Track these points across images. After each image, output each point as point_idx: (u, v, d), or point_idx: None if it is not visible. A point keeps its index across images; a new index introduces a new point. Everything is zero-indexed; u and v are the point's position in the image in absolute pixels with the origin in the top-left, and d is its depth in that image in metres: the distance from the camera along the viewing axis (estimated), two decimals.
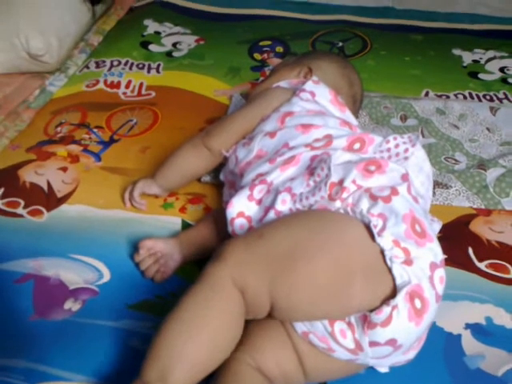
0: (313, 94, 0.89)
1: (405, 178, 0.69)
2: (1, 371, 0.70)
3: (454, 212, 0.93)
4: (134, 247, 0.84)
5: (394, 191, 0.65)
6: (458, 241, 0.87)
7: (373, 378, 0.68)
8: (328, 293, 0.61)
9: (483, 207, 0.94)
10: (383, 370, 0.68)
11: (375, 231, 0.62)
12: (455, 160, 1.04)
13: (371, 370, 0.67)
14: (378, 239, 0.62)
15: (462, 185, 0.96)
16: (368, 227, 0.63)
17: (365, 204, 0.65)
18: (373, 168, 0.68)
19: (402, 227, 0.62)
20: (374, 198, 0.65)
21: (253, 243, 0.63)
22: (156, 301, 0.79)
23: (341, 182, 0.67)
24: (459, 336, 0.74)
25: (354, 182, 0.67)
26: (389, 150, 0.75)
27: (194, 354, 0.58)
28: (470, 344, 0.73)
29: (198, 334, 0.59)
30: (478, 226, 0.91)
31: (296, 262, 0.61)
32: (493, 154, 1.05)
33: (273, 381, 0.65)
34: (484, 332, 0.75)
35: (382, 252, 0.61)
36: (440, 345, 0.71)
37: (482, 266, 0.84)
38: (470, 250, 0.87)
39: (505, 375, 0.69)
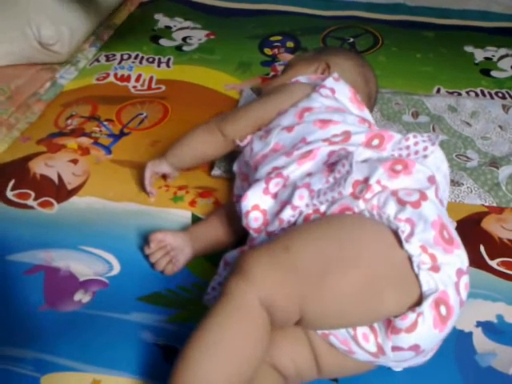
0: (333, 90, 0.88)
1: (432, 180, 0.67)
2: (10, 361, 0.70)
3: (466, 210, 0.92)
4: (144, 240, 0.84)
5: (423, 196, 0.64)
6: (470, 239, 0.85)
7: (384, 376, 0.68)
8: (358, 305, 0.60)
9: (495, 205, 0.93)
10: (397, 369, 0.68)
11: (403, 237, 0.61)
12: (467, 157, 1.03)
13: (382, 367, 0.66)
14: (406, 245, 0.60)
15: (473, 182, 0.96)
16: (395, 233, 0.62)
17: (392, 209, 0.63)
18: (399, 168, 0.67)
19: (431, 233, 0.61)
20: (402, 203, 0.63)
21: (279, 258, 0.59)
22: (166, 294, 0.79)
23: (366, 181, 0.66)
24: (470, 334, 0.73)
25: (378, 182, 0.66)
26: (408, 147, 0.73)
27: (222, 380, 0.56)
28: (482, 342, 0.73)
29: (225, 359, 0.56)
30: (490, 224, 0.90)
31: (327, 278, 0.59)
32: (505, 151, 1.04)
33: (287, 377, 0.65)
34: (495, 330, 0.74)
35: (410, 258, 0.60)
36: (451, 343, 0.71)
37: (493, 264, 0.84)
38: (482, 248, 0.86)
39: None
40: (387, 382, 0.68)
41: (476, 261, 0.83)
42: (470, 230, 0.88)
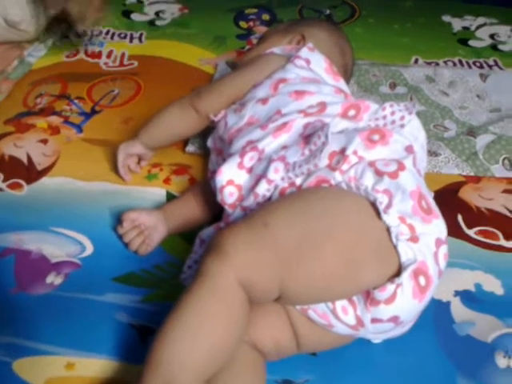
0: (308, 61, 0.86)
1: (409, 149, 0.66)
2: None
3: (443, 179, 0.91)
4: (118, 220, 0.82)
5: (400, 166, 0.62)
6: (447, 208, 0.84)
7: (361, 347, 0.67)
8: (339, 279, 0.59)
9: (472, 174, 0.92)
10: (376, 340, 0.67)
11: (381, 208, 0.60)
12: (445, 127, 1.02)
13: (361, 339, 0.66)
14: (384, 217, 0.59)
15: (451, 152, 0.95)
16: (373, 204, 0.61)
17: (369, 180, 0.62)
18: (376, 137, 0.65)
19: (409, 204, 0.60)
20: (379, 174, 0.62)
21: (257, 235, 0.57)
22: (141, 274, 0.77)
23: (342, 151, 0.64)
24: (448, 303, 0.73)
25: (355, 153, 0.64)
26: (384, 117, 0.71)
27: (197, 361, 0.54)
28: (460, 311, 0.72)
29: (201, 340, 0.54)
30: (468, 193, 0.90)
31: (305, 255, 0.57)
32: (483, 120, 1.03)
33: (266, 355, 0.64)
34: (474, 299, 0.74)
35: (388, 229, 0.59)
36: (429, 312, 0.70)
37: (471, 232, 0.83)
38: (460, 217, 0.85)
39: (495, 341, 0.69)
40: (365, 354, 0.67)
41: (453, 230, 0.83)
42: (448, 200, 0.88)
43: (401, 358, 0.67)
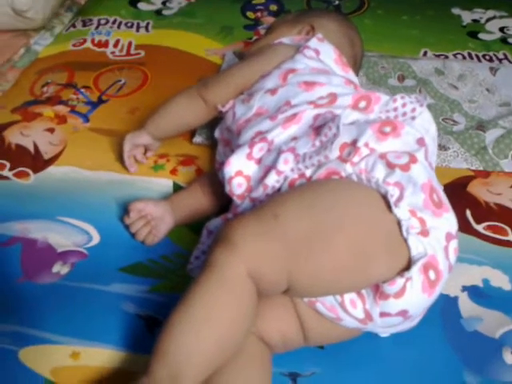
0: (317, 51, 0.86)
1: (421, 142, 0.65)
2: None
3: (452, 174, 0.91)
4: (124, 210, 0.81)
5: (412, 158, 0.62)
6: (456, 203, 0.83)
7: (368, 340, 0.67)
8: (348, 272, 0.58)
9: (481, 169, 0.92)
10: (384, 334, 0.67)
11: (392, 201, 0.59)
12: (454, 121, 1.01)
13: (369, 333, 0.66)
14: (395, 210, 0.59)
15: (460, 146, 0.94)
16: (384, 197, 0.60)
17: (380, 172, 0.61)
18: (388, 129, 0.65)
19: (421, 197, 0.59)
20: (390, 166, 0.61)
21: (267, 227, 0.57)
22: (148, 264, 0.77)
23: (354, 143, 0.64)
24: (456, 298, 0.73)
25: (366, 145, 0.63)
26: (395, 109, 0.70)
27: (204, 352, 0.54)
28: (468, 306, 0.72)
29: (208, 332, 0.54)
30: (476, 188, 0.89)
31: (315, 247, 0.57)
32: (492, 114, 1.02)
33: (273, 347, 0.63)
34: (481, 294, 0.73)
35: (399, 223, 0.58)
36: (437, 307, 0.70)
37: (479, 228, 0.83)
38: (468, 212, 0.85)
39: (502, 337, 0.68)
40: (373, 348, 0.67)
41: (462, 225, 0.81)
42: (456, 194, 0.87)
43: (408, 352, 0.67)
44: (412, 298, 0.58)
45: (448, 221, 0.61)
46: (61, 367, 0.66)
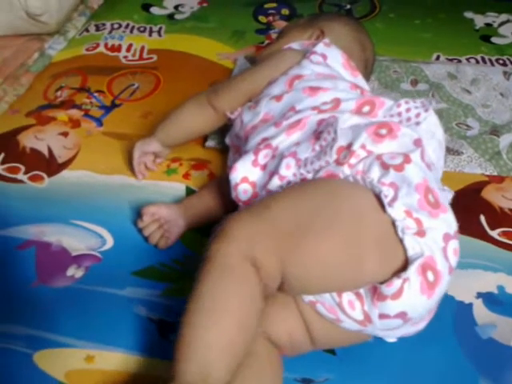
0: (324, 56, 0.86)
1: (418, 143, 0.65)
2: (2, 338, 0.69)
3: (466, 179, 0.90)
4: (137, 213, 0.82)
5: (406, 159, 0.62)
6: (470, 208, 0.85)
7: (381, 347, 0.67)
8: (339, 268, 0.58)
9: (496, 174, 0.91)
10: (391, 340, 0.67)
11: (386, 201, 0.59)
12: (467, 126, 1.01)
13: (381, 339, 0.65)
14: (389, 210, 0.59)
15: (474, 151, 0.94)
16: (379, 197, 0.60)
17: (376, 173, 0.62)
18: (384, 132, 0.65)
19: (415, 197, 0.59)
20: (385, 167, 0.62)
21: (259, 214, 0.59)
22: (160, 268, 0.77)
23: (349, 146, 0.64)
24: (471, 305, 0.72)
25: (363, 147, 0.64)
26: (400, 114, 0.70)
27: (224, 341, 0.54)
28: (482, 313, 0.71)
29: (222, 321, 0.55)
30: (491, 194, 0.88)
31: (304, 238, 0.57)
32: (506, 119, 1.01)
33: (281, 348, 0.64)
34: (496, 301, 0.73)
35: (394, 223, 0.58)
36: (450, 314, 0.70)
37: (494, 234, 0.82)
38: (482, 218, 0.84)
39: None
40: (387, 355, 0.67)
41: (476, 231, 0.82)
42: (471, 200, 0.87)
43: (422, 359, 0.66)
44: (410, 300, 0.57)
45: (445, 221, 0.60)
46: (75, 370, 0.66)
